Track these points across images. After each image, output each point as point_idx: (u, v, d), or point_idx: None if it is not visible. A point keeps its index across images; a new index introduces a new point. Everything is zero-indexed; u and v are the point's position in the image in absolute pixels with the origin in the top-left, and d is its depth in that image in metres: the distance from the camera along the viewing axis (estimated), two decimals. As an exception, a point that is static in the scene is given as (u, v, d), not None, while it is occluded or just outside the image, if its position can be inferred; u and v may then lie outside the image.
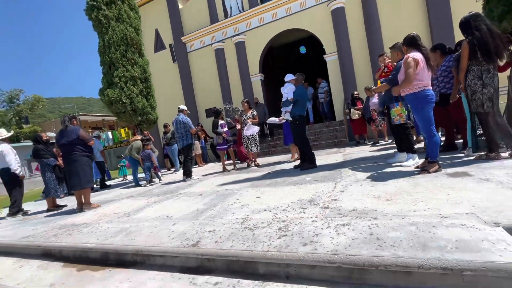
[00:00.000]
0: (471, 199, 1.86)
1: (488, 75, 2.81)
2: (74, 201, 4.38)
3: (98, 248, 2.33)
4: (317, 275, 1.51)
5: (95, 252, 2.38)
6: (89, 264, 2.35)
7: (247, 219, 2.31)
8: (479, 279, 1.18)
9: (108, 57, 6.49)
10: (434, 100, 2.81)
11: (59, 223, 3.50)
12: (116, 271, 2.11)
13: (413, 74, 2.71)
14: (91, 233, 2.76)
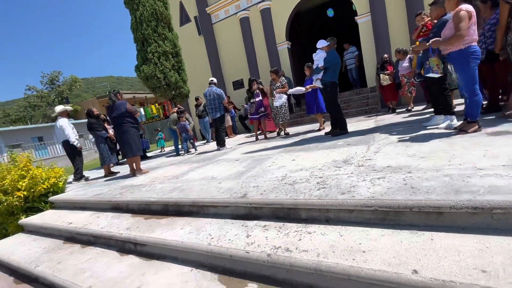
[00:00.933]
0: (509, 153, 1.90)
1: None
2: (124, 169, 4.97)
3: (160, 201, 2.76)
4: (354, 219, 1.73)
5: (157, 204, 2.82)
6: (152, 215, 2.81)
7: (286, 177, 2.56)
8: (508, 216, 1.31)
9: (141, 34, 6.76)
10: (480, 57, 2.70)
11: (119, 185, 4.07)
12: (177, 219, 2.52)
13: (466, 29, 2.59)
14: (150, 191, 3.22)
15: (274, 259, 1.53)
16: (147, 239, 2.23)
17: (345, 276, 1.32)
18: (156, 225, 2.48)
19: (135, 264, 2.15)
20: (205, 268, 1.87)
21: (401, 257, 1.28)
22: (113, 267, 2.18)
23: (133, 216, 2.90)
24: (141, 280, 1.89)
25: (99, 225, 2.86)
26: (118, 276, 2.01)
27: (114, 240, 2.56)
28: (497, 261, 1.13)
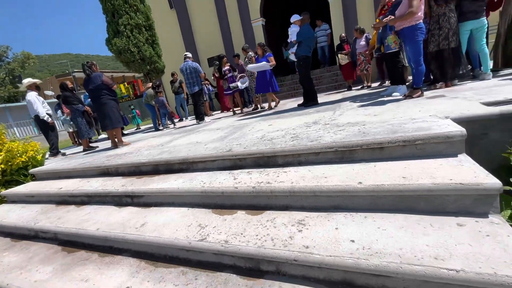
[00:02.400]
0: (437, 109, 2.45)
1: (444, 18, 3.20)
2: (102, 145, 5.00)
3: (151, 161, 3.01)
4: (320, 159, 2.18)
5: (147, 165, 3.07)
6: (144, 175, 3.07)
7: (264, 136, 2.94)
8: (426, 146, 1.82)
9: (111, 4, 6.47)
10: (424, 33, 3.22)
11: (103, 155, 4.20)
12: (169, 175, 2.81)
13: (418, 6, 3.06)
14: (138, 156, 3.44)
15: (258, 189, 1.94)
16: (144, 190, 2.52)
17: (311, 193, 1.76)
18: (149, 181, 2.76)
19: (135, 212, 2.44)
20: (200, 207, 2.23)
21: (351, 177, 1.74)
22: (114, 215, 2.46)
23: (125, 178, 3.13)
24: (144, 220, 2.21)
25: (92, 186, 3.06)
26: (122, 219, 2.31)
27: (110, 196, 2.80)
28: (414, 172, 1.63)
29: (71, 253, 2.28)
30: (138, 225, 2.13)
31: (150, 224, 2.10)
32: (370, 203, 1.63)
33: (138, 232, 2.01)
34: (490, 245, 1.16)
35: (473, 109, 2.14)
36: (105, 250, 2.19)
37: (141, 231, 2.02)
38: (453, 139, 1.73)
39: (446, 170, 1.56)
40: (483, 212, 1.38)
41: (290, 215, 1.77)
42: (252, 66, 5.57)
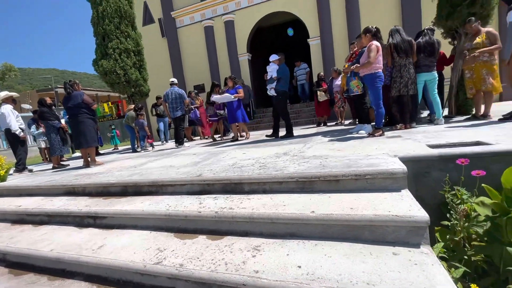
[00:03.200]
0: (391, 147, 2.72)
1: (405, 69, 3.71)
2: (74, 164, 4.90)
3: (120, 182, 3.00)
4: (283, 188, 2.30)
5: (116, 186, 3.05)
6: (111, 196, 3.03)
7: (235, 163, 3.06)
8: (375, 181, 2.01)
9: (102, 28, 6.73)
10: (383, 80, 3.63)
11: (73, 174, 4.09)
12: (137, 197, 2.81)
13: (374, 58, 3.49)
14: (108, 176, 3.41)
15: (220, 214, 2.00)
16: (108, 211, 2.49)
17: (269, 220, 1.85)
18: (116, 202, 2.73)
19: (96, 233, 2.39)
20: (163, 230, 2.23)
21: (307, 206, 1.87)
22: (73, 236, 2.38)
23: (91, 198, 3.07)
24: (103, 242, 2.17)
25: (54, 205, 2.96)
26: (80, 240, 2.25)
27: (72, 216, 2.72)
28: (361, 204, 1.79)
29: (18, 276, 2.15)
30: (96, 247, 2.09)
31: (108, 246, 2.07)
32: (322, 232, 1.74)
33: (95, 254, 1.97)
34: (416, 273, 1.29)
35: (418, 150, 2.40)
36: (57, 273, 2.09)
37: (97, 253, 1.98)
38: (397, 176, 1.94)
39: (388, 203, 1.73)
40: (416, 243, 1.53)
41: (248, 241, 1.83)
42: (217, 97, 5.85)
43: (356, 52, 4.77)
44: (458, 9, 4.36)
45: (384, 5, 8.44)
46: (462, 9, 4.31)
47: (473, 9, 4.24)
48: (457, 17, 4.40)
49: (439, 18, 4.72)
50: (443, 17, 4.63)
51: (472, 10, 4.25)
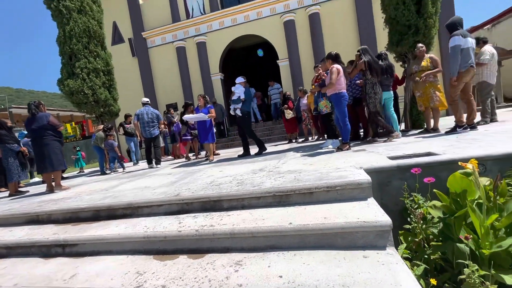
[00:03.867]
0: (357, 160, 2.98)
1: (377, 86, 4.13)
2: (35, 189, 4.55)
3: (91, 206, 2.87)
4: (261, 203, 2.40)
5: (87, 211, 2.90)
6: (81, 222, 2.87)
7: (213, 181, 3.11)
8: (344, 191, 2.20)
9: (69, 48, 6.53)
10: (347, 100, 3.99)
11: (35, 200, 3.80)
12: (110, 221, 2.70)
13: (335, 79, 3.84)
14: (77, 201, 3.23)
15: (201, 232, 2.03)
16: (79, 237, 2.37)
17: (249, 234, 1.92)
18: (87, 227, 2.61)
19: (66, 262, 2.25)
20: (141, 253, 2.18)
21: (284, 219, 1.98)
22: (39, 268, 2.22)
23: (57, 225, 2.88)
24: (75, 271, 2.05)
25: (14, 236, 2.73)
26: (49, 272, 2.10)
27: (37, 246, 2.53)
28: (333, 213, 1.94)
29: (-27, 318, 1.94)
30: (67, 276, 1.97)
31: (81, 274, 1.97)
32: (299, 242, 1.85)
33: (67, 284, 1.86)
34: (384, 272, 1.44)
35: (380, 162, 2.68)
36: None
37: (70, 283, 1.88)
38: (363, 186, 2.14)
39: (357, 211, 1.91)
40: (382, 245, 1.71)
41: (229, 257, 1.88)
42: (190, 116, 5.68)
43: (320, 74, 5.19)
44: (406, 37, 5.02)
45: (344, 31, 9.32)
46: (409, 37, 4.96)
47: (417, 37, 4.91)
48: (405, 44, 5.05)
49: (390, 44, 5.36)
50: (393, 43, 5.28)
51: (416, 38, 4.92)
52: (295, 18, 9.61)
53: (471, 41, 3.70)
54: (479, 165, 2.32)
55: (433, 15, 4.83)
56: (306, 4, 9.56)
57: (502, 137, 3.09)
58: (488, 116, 4.66)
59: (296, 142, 7.04)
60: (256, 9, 9.97)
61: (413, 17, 4.84)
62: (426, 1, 4.73)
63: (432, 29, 4.88)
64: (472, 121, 3.95)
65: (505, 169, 2.21)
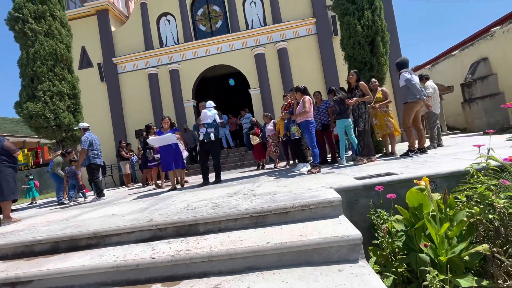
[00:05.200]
0: (326, 181, 3.16)
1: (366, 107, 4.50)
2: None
3: (50, 238, 2.60)
4: (238, 226, 2.40)
5: (44, 243, 2.62)
6: (36, 256, 2.58)
7: (188, 206, 3.04)
8: (317, 210, 2.31)
9: (32, 70, 6.22)
10: (315, 126, 4.31)
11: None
12: (72, 253, 2.47)
13: (309, 107, 4.16)
14: (32, 233, 2.91)
15: (177, 257, 1.96)
16: (34, 273, 2.13)
17: (228, 256, 1.91)
18: (45, 261, 2.35)
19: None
20: (108, 286, 2.01)
21: (262, 238, 2.01)
22: (-18, 312, 1.92)
23: (6, 262, 2.55)
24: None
25: (-50, 277, 2.34)
26: (-6, 314, 1.83)
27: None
28: (309, 231, 2.03)
29: None
30: (19, 318, 1.74)
31: (37, 314, 1.75)
32: (277, 261, 1.88)
33: (19, 326, 1.64)
34: (358, 283, 1.53)
35: (348, 182, 2.88)
36: None
37: (23, 324, 1.65)
38: (334, 204, 2.29)
39: (330, 228, 2.02)
40: (355, 259, 1.81)
41: (207, 281, 1.83)
42: (155, 138, 5.12)
43: (289, 102, 5.56)
44: (362, 72, 5.67)
45: (309, 64, 10.19)
46: (365, 72, 5.62)
47: (372, 73, 5.59)
48: (362, 78, 5.69)
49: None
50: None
51: (371, 74, 5.59)
52: (265, 51, 10.33)
53: (416, 78, 4.33)
54: (431, 182, 2.62)
55: (384, 55, 5.59)
56: (275, 40, 10.39)
57: (447, 159, 3.54)
58: (436, 141, 5.30)
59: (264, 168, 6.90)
60: (228, 42, 10.56)
61: (367, 55, 5.55)
62: (378, 43, 5.48)
63: (384, 66, 5.61)
64: (423, 146, 4.47)
65: (452, 185, 2.52)
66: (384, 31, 5.61)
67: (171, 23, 11.11)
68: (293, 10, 10.41)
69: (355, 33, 5.53)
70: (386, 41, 5.62)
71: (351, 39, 5.64)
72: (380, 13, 5.56)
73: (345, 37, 5.80)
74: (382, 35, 5.57)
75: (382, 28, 5.55)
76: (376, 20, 5.50)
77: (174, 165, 5.05)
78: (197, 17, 11.27)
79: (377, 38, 5.48)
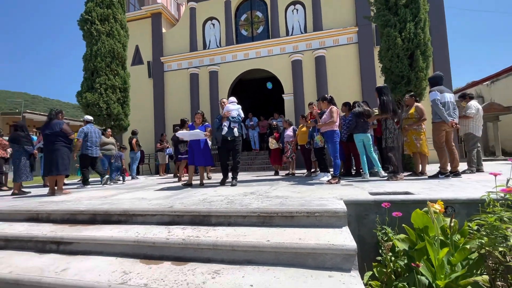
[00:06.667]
0: (340, 193, 3.19)
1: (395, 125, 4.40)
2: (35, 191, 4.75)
3: (89, 210, 3.07)
4: (246, 222, 2.59)
5: (85, 214, 3.10)
6: (78, 224, 3.06)
7: (206, 199, 3.32)
8: (322, 218, 2.40)
9: (93, 65, 7.18)
10: (339, 137, 4.31)
11: (37, 200, 4.01)
12: (105, 225, 2.89)
13: (336, 118, 4.20)
14: (77, 204, 3.44)
15: (187, 241, 2.22)
16: (75, 237, 2.56)
17: (230, 247, 2.11)
18: (83, 229, 2.79)
19: (58, 258, 2.41)
20: (128, 256, 2.34)
21: (264, 237, 2.17)
22: (33, 261, 2.38)
23: (55, 225, 3.06)
24: (67, 265, 2.22)
25: (14, 230, 2.91)
26: (42, 264, 2.27)
27: (33, 241, 2.70)
28: (309, 236, 2.13)
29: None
30: (59, 270, 2.14)
31: (72, 269, 2.13)
32: (274, 259, 2.03)
33: (58, 276, 2.03)
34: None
35: (360, 196, 2.89)
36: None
37: (61, 275, 2.04)
38: (339, 214, 2.35)
39: (330, 236, 2.10)
40: (348, 268, 1.87)
41: (210, 266, 2.04)
42: (183, 132, 5.08)
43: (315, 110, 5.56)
44: (399, 86, 5.47)
45: (346, 74, 9.99)
46: (401, 86, 5.42)
47: (409, 87, 5.36)
48: (398, 92, 5.50)
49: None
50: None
51: (408, 88, 5.36)
52: (302, 58, 10.40)
53: (448, 96, 4.08)
54: (448, 207, 2.53)
55: (424, 69, 5.32)
56: (314, 47, 10.40)
57: (477, 185, 3.31)
58: (474, 166, 4.89)
59: (279, 175, 6.65)
60: (267, 47, 10.85)
61: (405, 69, 5.34)
62: (417, 57, 5.25)
63: (422, 81, 5.35)
64: (456, 169, 4.19)
65: (471, 212, 2.40)
66: (427, 45, 5.35)
67: (215, 27, 11.77)
68: (335, 18, 10.32)
69: (395, 46, 5.37)
70: (427, 55, 5.35)
71: (390, 51, 5.48)
72: (424, 26, 5.32)
73: (384, 49, 5.65)
74: (424, 48, 5.32)
75: (424, 42, 5.30)
76: (418, 33, 5.27)
77: (198, 161, 4.96)
78: (240, 22, 11.79)
79: (417, 52, 5.25)
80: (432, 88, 4.12)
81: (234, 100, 4.97)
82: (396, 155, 4.45)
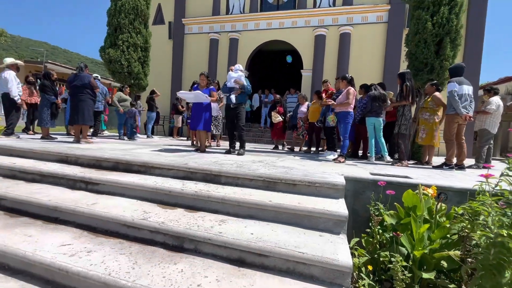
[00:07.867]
0: (342, 170, 3.38)
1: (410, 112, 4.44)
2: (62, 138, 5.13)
3: (113, 158, 3.41)
4: (252, 185, 2.85)
5: (109, 161, 3.45)
6: (102, 169, 3.42)
7: (217, 161, 3.60)
8: (322, 189, 2.62)
9: (117, 21, 7.23)
10: (353, 119, 4.39)
11: (65, 145, 4.41)
12: (127, 174, 3.23)
13: (352, 99, 4.26)
14: (102, 152, 3.79)
15: (199, 193, 2.51)
16: (101, 178, 2.91)
17: (236, 202, 2.39)
18: (107, 174, 3.14)
19: (88, 195, 2.79)
20: (147, 201, 2.68)
21: (267, 198, 2.43)
22: (67, 194, 2.76)
23: (83, 168, 3.44)
24: (95, 201, 2.58)
25: (48, 168, 3.30)
26: (75, 197, 2.64)
27: (65, 179, 3.08)
28: (307, 201, 2.37)
29: (13, 217, 2.49)
30: (90, 203, 2.50)
31: (100, 204, 2.49)
32: (274, 217, 2.30)
33: (89, 207, 2.39)
34: (329, 245, 1.87)
35: (360, 174, 3.08)
36: (50, 220, 2.46)
37: (92, 207, 2.40)
38: (337, 187, 2.57)
39: (326, 204, 2.33)
40: (337, 232, 2.13)
41: (217, 216, 2.35)
42: (184, 93, 5.00)
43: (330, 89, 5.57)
44: (421, 73, 5.34)
45: (370, 54, 9.64)
46: (423, 74, 5.29)
47: (431, 76, 5.23)
48: (419, 80, 5.38)
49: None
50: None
51: (430, 76, 5.24)
52: (327, 33, 10.02)
53: (466, 89, 4.00)
54: (442, 193, 2.69)
55: (450, 58, 5.14)
56: (340, 23, 9.95)
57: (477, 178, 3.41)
58: (482, 162, 4.91)
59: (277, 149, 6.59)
60: (292, 18, 10.45)
61: (431, 56, 5.17)
62: (446, 44, 5.05)
63: (446, 70, 5.19)
64: (462, 162, 4.26)
65: (463, 200, 2.56)
66: (458, 32, 5.10)
67: (241, -9, 11.32)
68: (368, -7, 9.71)
69: (424, 30, 5.16)
70: (457, 44, 5.13)
71: (417, 36, 5.28)
72: (459, 11, 5.03)
73: (412, 32, 5.44)
74: (455, 36, 5.09)
75: (456, 29, 5.05)
76: (452, 19, 5.01)
77: (192, 124, 4.84)
78: (266, -12, 11.26)
79: (446, 39, 5.03)
80: (451, 79, 4.05)
81: (239, 68, 4.84)
82: (405, 142, 4.53)
